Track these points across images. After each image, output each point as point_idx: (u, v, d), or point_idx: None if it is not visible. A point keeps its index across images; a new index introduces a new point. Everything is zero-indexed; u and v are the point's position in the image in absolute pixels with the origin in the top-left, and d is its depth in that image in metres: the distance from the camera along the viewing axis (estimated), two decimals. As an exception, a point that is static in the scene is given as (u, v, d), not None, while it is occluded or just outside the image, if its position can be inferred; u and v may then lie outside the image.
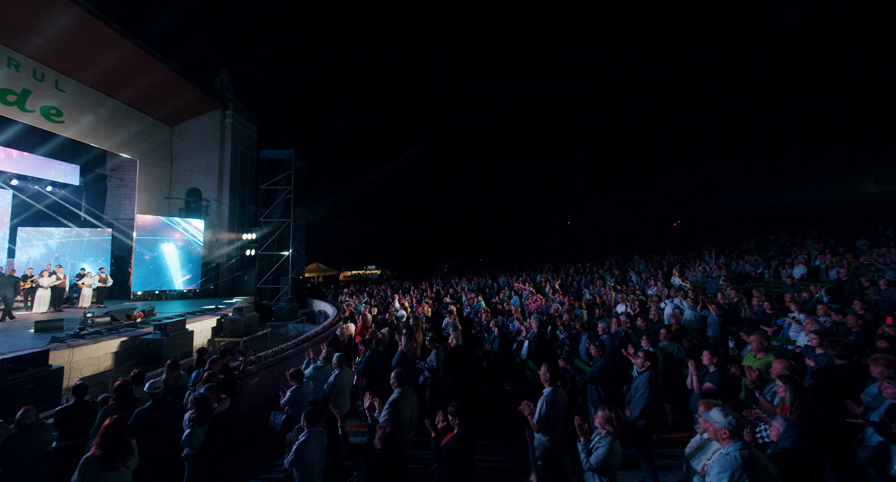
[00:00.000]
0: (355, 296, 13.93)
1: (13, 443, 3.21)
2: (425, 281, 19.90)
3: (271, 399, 6.80)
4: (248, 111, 19.53)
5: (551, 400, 3.29)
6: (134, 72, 13.20)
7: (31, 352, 5.45)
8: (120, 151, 14.74)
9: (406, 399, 3.50)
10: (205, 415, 3.63)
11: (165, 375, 4.87)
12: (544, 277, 16.15)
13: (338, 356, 4.59)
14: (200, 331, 10.28)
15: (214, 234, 17.32)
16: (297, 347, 8.38)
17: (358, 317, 8.28)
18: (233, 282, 17.73)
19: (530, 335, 6.29)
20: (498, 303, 9.73)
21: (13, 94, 11.04)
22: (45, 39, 10.84)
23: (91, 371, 7.44)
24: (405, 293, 13.74)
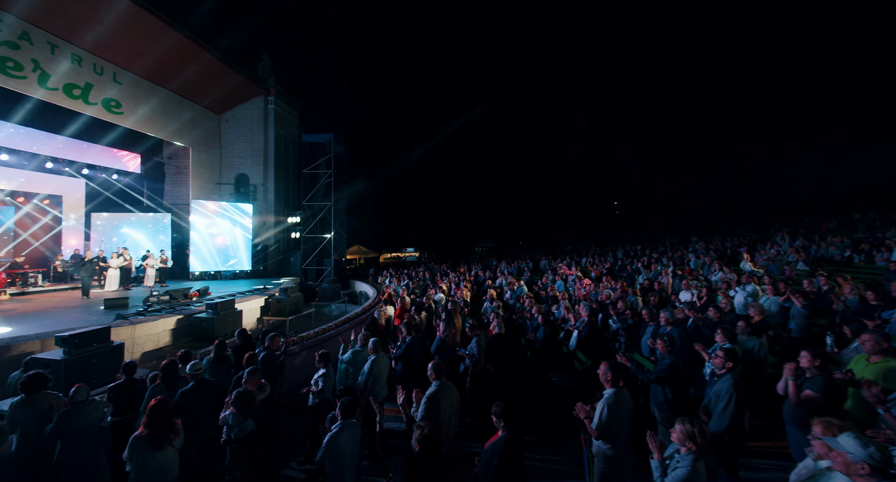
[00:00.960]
0: (394, 278, 13.96)
1: (67, 418, 3.31)
2: (463, 263, 19.61)
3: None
4: (289, 96, 19.79)
5: (614, 403, 2.83)
6: (181, 61, 13.63)
7: (95, 329, 5.80)
8: (174, 140, 15.51)
9: (445, 393, 3.19)
10: (249, 409, 3.54)
11: (213, 354, 4.95)
12: (590, 261, 15.24)
13: (374, 341, 4.39)
14: (249, 311, 10.72)
15: (262, 217, 18.02)
16: (338, 328, 8.45)
17: (396, 300, 8.14)
18: (280, 264, 18.50)
19: (580, 324, 5.77)
20: (540, 289, 9.18)
21: (78, 87, 11.77)
22: (102, 33, 11.35)
23: (151, 346, 7.94)
24: (443, 276, 13.52)
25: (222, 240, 16.25)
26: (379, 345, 4.40)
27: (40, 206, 14.06)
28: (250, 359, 4.36)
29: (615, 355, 3.67)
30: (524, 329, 6.50)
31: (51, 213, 14.36)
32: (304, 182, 17.79)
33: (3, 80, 9.99)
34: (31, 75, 10.53)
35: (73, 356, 5.41)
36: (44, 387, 3.63)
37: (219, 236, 16.17)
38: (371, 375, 4.19)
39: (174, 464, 2.82)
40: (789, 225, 19.58)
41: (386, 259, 34.78)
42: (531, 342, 5.86)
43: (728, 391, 2.92)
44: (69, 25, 10.88)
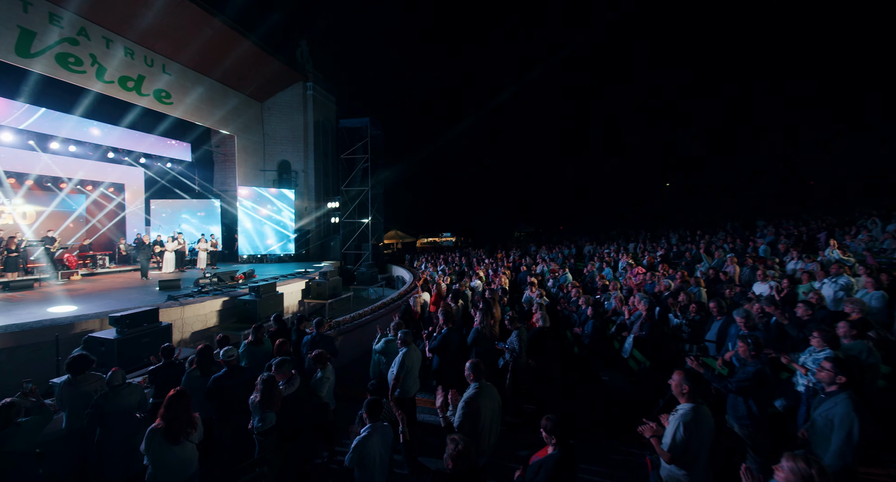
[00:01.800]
0: (430, 263, 13.74)
1: (103, 402, 3.33)
2: (500, 249, 19.01)
3: (350, 363, 6.86)
4: (327, 81, 19.81)
5: (692, 422, 2.32)
6: (223, 49, 13.87)
7: (145, 310, 6.02)
8: (220, 128, 16.06)
9: (485, 396, 2.82)
10: (271, 399, 3.37)
11: (251, 338, 4.93)
12: (641, 246, 14.11)
13: (403, 333, 4.11)
14: (291, 293, 10.97)
15: (303, 202, 18.43)
16: (374, 313, 8.36)
17: (432, 287, 7.86)
18: (321, 248, 18.96)
19: (635, 317, 5.15)
20: (587, 278, 8.48)
21: (131, 80, 12.34)
22: (149, 25, 11.72)
23: (200, 326, 8.29)
24: (479, 262, 13.09)
25: (267, 224, 16.84)
26: (409, 337, 4.11)
27: (106, 193, 15.19)
28: (281, 347, 4.24)
29: (686, 360, 3.09)
30: (569, 321, 5.97)
31: (115, 200, 15.50)
32: (342, 167, 17.90)
33: (65, 75, 10.61)
34: (89, 69, 11.12)
35: (125, 336, 5.65)
36: (88, 368, 3.70)
37: (264, 221, 16.77)
38: (403, 369, 3.92)
39: (192, 458, 2.70)
40: (876, 207, 16.96)
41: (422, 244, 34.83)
42: (578, 336, 5.34)
43: (847, 417, 2.29)
44: (120, 19, 11.30)
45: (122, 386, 3.45)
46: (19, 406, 2.96)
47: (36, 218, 12.97)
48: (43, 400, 3.28)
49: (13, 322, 6.21)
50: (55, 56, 10.30)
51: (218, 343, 4.61)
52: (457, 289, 6.72)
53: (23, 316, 6.90)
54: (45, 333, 5.96)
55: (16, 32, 9.47)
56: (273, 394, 3.40)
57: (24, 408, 3.09)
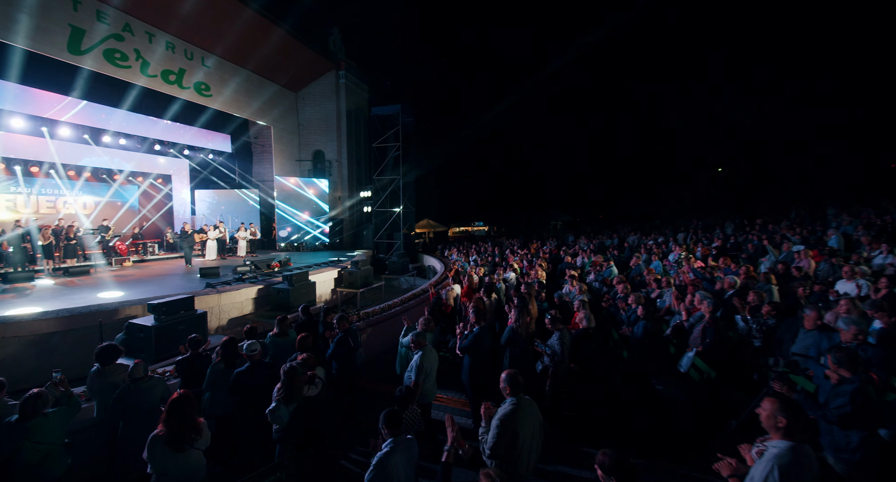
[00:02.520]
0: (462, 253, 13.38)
1: (125, 395, 3.27)
2: (535, 239, 18.27)
3: (378, 355, 6.70)
4: (359, 69, 19.65)
5: (790, 465, 1.81)
6: (257, 39, 13.96)
7: (181, 298, 6.12)
8: (256, 119, 16.36)
9: (524, 413, 2.43)
10: (292, 392, 3.20)
11: (276, 330, 4.83)
12: (691, 236, 12.96)
13: (416, 334, 3.81)
14: (324, 282, 11.03)
15: (336, 191, 18.59)
16: (404, 304, 8.15)
17: (464, 278, 7.50)
18: (354, 237, 19.14)
19: (695, 319, 4.52)
20: (633, 271, 7.74)
21: (173, 73, 12.71)
22: (186, 17, 11.94)
23: (236, 313, 8.45)
24: (513, 253, 12.55)
25: (302, 213, 17.16)
26: (423, 338, 3.82)
27: (154, 184, 16.01)
28: (303, 342, 4.05)
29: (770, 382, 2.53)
30: (615, 320, 5.41)
31: (163, 191, 16.32)
32: (374, 155, 17.80)
33: (112, 70, 11.05)
34: (134, 64, 11.53)
35: (162, 323, 5.75)
36: (116, 358, 3.68)
37: (299, 210, 17.10)
38: (422, 373, 3.61)
39: (199, 466, 2.53)
40: None
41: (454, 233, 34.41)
42: (625, 338, 4.79)
43: None
44: (160, 13, 11.58)
45: (144, 379, 3.38)
46: (46, 396, 2.93)
47: (93, 208, 13.88)
48: (71, 390, 3.27)
49: (67, 306, 6.54)
50: (103, 52, 10.73)
51: (245, 334, 4.53)
52: (489, 281, 6.31)
53: (76, 300, 7.29)
54: (91, 318, 6.22)
55: (67, 31, 9.90)
56: (294, 387, 3.22)
57: (52, 398, 3.08)
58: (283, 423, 3.15)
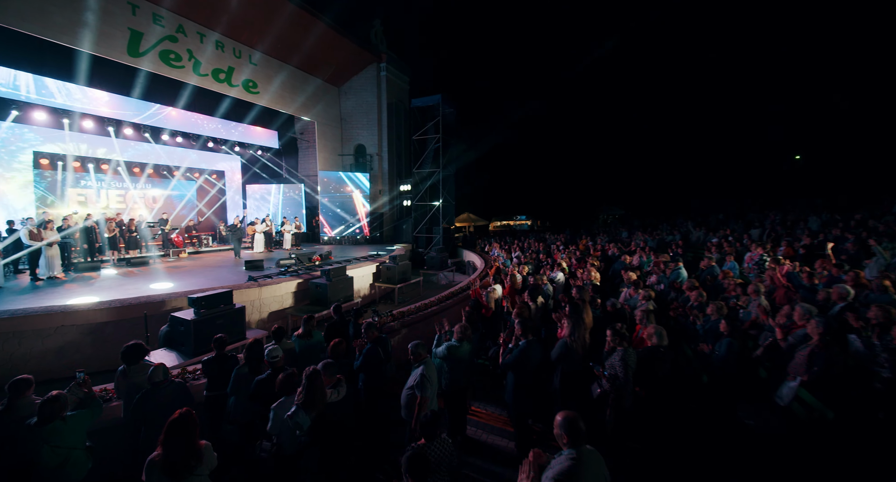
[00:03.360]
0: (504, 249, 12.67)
1: (145, 401, 3.10)
2: (584, 234, 17.07)
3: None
4: (400, 61, 19.40)
5: None
6: (299, 34, 14.06)
7: (220, 292, 6.12)
8: (301, 114, 16.64)
9: (587, 471, 1.85)
10: (313, 398, 2.91)
11: (301, 330, 4.58)
12: (768, 233, 11.30)
13: (415, 345, 3.42)
14: (362, 277, 10.92)
15: (377, 185, 18.59)
16: (441, 304, 7.72)
17: (505, 278, 6.89)
18: (394, 231, 19.09)
19: (797, 338, 3.62)
20: (705, 273, 6.64)
21: (223, 71, 13.12)
22: (233, 15, 12.20)
23: (276, 306, 8.50)
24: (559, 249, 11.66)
25: (344, 207, 17.33)
26: (423, 349, 3.39)
27: (209, 179, 16.86)
28: (336, 348, 3.71)
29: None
30: (685, 333, 4.58)
31: (217, 186, 17.15)
32: (414, 148, 17.51)
33: (167, 71, 11.56)
34: (187, 64, 11.99)
35: (201, 317, 5.75)
36: (141, 358, 3.56)
37: (341, 204, 17.28)
38: (427, 389, 3.15)
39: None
40: None
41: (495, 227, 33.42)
42: (703, 356, 3.98)
43: None
44: (209, 12, 11.90)
45: (164, 383, 3.20)
46: (65, 399, 2.81)
47: (155, 202, 14.85)
48: (94, 391, 3.16)
49: (122, 297, 6.83)
50: (159, 53, 11.22)
51: (273, 334, 4.30)
52: (535, 283, 5.67)
53: (130, 291, 7.64)
54: (139, 309, 6.41)
55: (126, 34, 10.42)
56: (315, 393, 2.93)
57: (71, 400, 2.96)
58: (302, 430, 2.85)
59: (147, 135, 12.90)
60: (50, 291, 7.52)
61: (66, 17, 9.20)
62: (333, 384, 3.25)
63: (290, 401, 2.82)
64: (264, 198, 17.76)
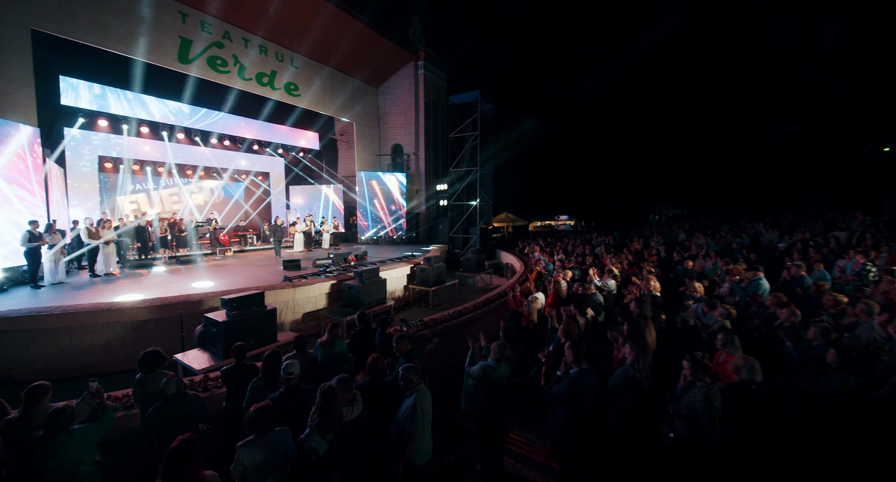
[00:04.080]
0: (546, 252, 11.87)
1: (158, 414, 2.89)
2: (635, 235, 15.75)
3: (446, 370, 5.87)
4: (438, 58, 19.10)
5: None
6: (337, 35, 14.14)
7: (251, 294, 6.03)
8: (340, 116, 16.80)
9: None
10: (329, 418, 2.57)
11: (325, 338, 4.28)
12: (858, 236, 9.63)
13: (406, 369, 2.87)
14: (396, 279, 10.65)
15: (413, 185, 18.42)
16: (475, 311, 7.20)
17: (549, 285, 6.24)
18: (430, 231, 18.83)
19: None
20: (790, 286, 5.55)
21: (266, 75, 13.46)
22: (274, 18, 12.43)
23: (310, 307, 8.41)
24: (609, 251, 10.70)
25: (381, 208, 17.31)
26: (416, 374, 2.86)
27: (255, 180, 17.48)
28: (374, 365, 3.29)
29: None
30: (776, 361, 3.73)
31: (262, 187, 17.75)
32: (451, 146, 17.09)
33: (214, 76, 11.98)
34: (232, 69, 12.39)
35: (233, 318, 5.67)
36: (159, 366, 3.39)
37: (378, 204, 17.28)
38: (418, 424, 2.64)
39: None
40: None
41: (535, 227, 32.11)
42: (802, 392, 3.16)
43: None
44: (253, 17, 12.21)
45: (177, 396, 2.97)
46: (71, 412, 2.64)
47: (205, 203, 15.59)
48: (107, 403, 2.99)
49: (164, 294, 7.00)
50: (207, 59, 11.65)
51: (294, 344, 4.01)
52: (582, 293, 4.99)
53: (173, 289, 7.86)
54: (177, 308, 6.50)
55: (177, 42, 10.89)
56: (332, 411, 2.61)
57: (83, 411, 2.81)
58: (317, 455, 2.50)
59: (197, 138, 13.51)
60: (103, 287, 7.90)
61: (123, 27, 9.72)
62: (349, 400, 2.89)
63: (260, 443, 2.44)
64: (305, 198, 18.17)
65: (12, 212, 7.70)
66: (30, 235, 7.42)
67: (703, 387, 2.58)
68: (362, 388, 3.05)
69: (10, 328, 5.79)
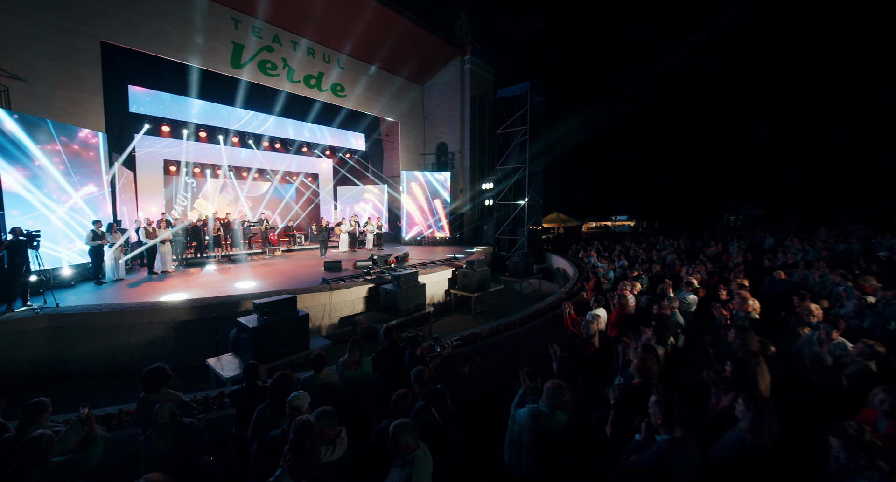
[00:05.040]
0: (604, 256, 10.58)
1: (148, 445, 2.52)
2: (710, 239, 13.81)
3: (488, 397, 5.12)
4: (485, 52, 18.32)
5: None
6: (382, 32, 13.90)
7: (283, 298, 5.73)
8: (385, 115, 16.65)
9: None
10: (303, 459, 2.03)
11: (346, 357, 3.75)
12: None
13: (397, 426, 2.17)
14: (437, 283, 10.09)
15: (458, 184, 17.82)
16: (523, 325, 6.36)
17: (613, 299, 5.27)
18: (475, 232, 18.11)
19: None
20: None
21: (313, 77, 13.58)
22: (320, 18, 12.44)
23: (347, 311, 8.09)
24: (682, 258, 9.27)
25: (425, 208, 16.92)
26: (410, 436, 2.15)
27: (305, 181, 17.91)
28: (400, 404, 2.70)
29: None
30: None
31: (311, 188, 18.15)
32: (498, 143, 16.21)
33: (265, 80, 12.24)
34: (282, 72, 12.60)
35: (263, 324, 5.40)
36: (162, 385, 3.04)
37: (422, 204, 16.90)
38: None
39: None
40: None
41: (590, 228, 29.78)
42: None
43: None
44: (301, 19, 12.30)
45: (169, 426, 2.57)
46: (48, 441, 2.31)
47: (258, 203, 16.19)
48: (97, 430, 2.65)
49: (206, 295, 7.02)
50: (257, 64, 11.92)
51: (312, 363, 3.52)
52: (660, 313, 4.00)
53: (217, 288, 7.92)
54: (216, 309, 6.42)
55: (230, 47, 11.21)
56: (306, 453, 2.08)
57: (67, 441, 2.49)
58: None
59: (250, 141, 13.98)
60: (156, 285, 8.18)
61: (181, 36, 10.14)
62: (331, 438, 2.32)
63: None
64: (351, 198, 18.29)
65: (83, 213, 8.21)
66: (93, 234, 7.83)
67: (881, 477, 1.63)
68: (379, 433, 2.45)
69: (66, 324, 6.02)
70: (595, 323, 4.34)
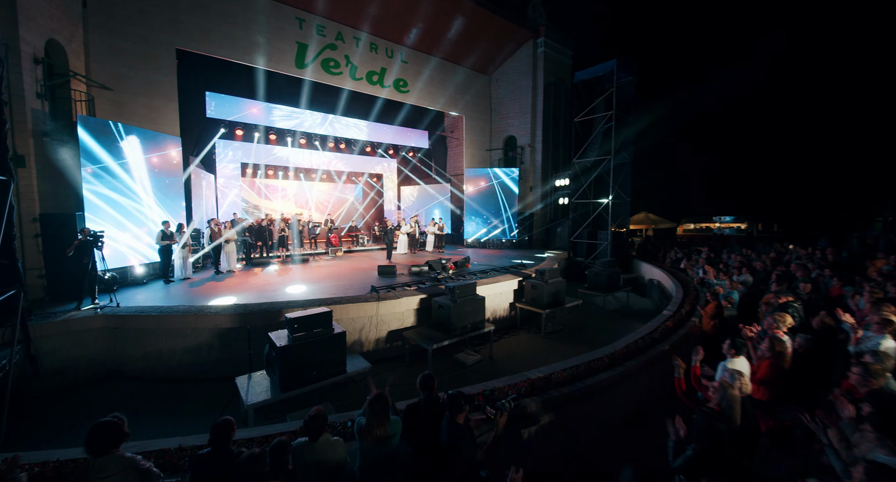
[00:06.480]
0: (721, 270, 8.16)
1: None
2: (863, 247, 10.32)
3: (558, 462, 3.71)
4: (561, 32, 16.38)
5: None
6: (445, 18, 12.98)
7: (317, 313, 4.98)
8: (448, 109, 15.71)
9: None
10: None
11: (364, 422, 2.67)
12: None
13: None
14: (500, 294, 8.77)
15: (528, 181, 16.20)
16: (615, 368, 4.73)
17: (750, 341, 3.52)
18: (546, 234, 16.32)
19: None
20: None
21: (376, 73, 13.14)
22: (380, 10, 11.87)
23: (396, 324, 7.22)
24: (841, 276, 6.69)
25: (490, 208, 15.65)
26: None
27: (370, 182, 17.79)
28: None
29: None
30: None
31: (375, 188, 17.99)
32: (576, 133, 14.23)
33: (328, 78, 12.05)
34: (344, 70, 12.32)
35: (293, 342, 4.69)
36: (115, 446, 2.26)
37: (487, 204, 15.65)
38: None
39: None
40: None
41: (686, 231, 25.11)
42: None
43: None
44: (360, 13, 11.86)
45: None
46: None
47: (325, 204, 16.39)
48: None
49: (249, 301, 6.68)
50: (321, 62, 11.75)
51: (306, 428, 2.52)
52: (873, 389, 2.28)
53: (269, 292, 7.60)
54: (257, 317, 5.99)
55: (294, 47, 11.14)
56: None
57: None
58: None
59: (316, 143, 14.05)
60: (215, 286, 8.14)
61: (248, 39, 10.24)
62: None
63: None
64: (414, 198, 17.73)
65: (160, 213, 8.55)
66: (162, 234, 8.03)
67: None
68: None
69: (121, 325, 6.01)
70: (734, 389, 2.72)
